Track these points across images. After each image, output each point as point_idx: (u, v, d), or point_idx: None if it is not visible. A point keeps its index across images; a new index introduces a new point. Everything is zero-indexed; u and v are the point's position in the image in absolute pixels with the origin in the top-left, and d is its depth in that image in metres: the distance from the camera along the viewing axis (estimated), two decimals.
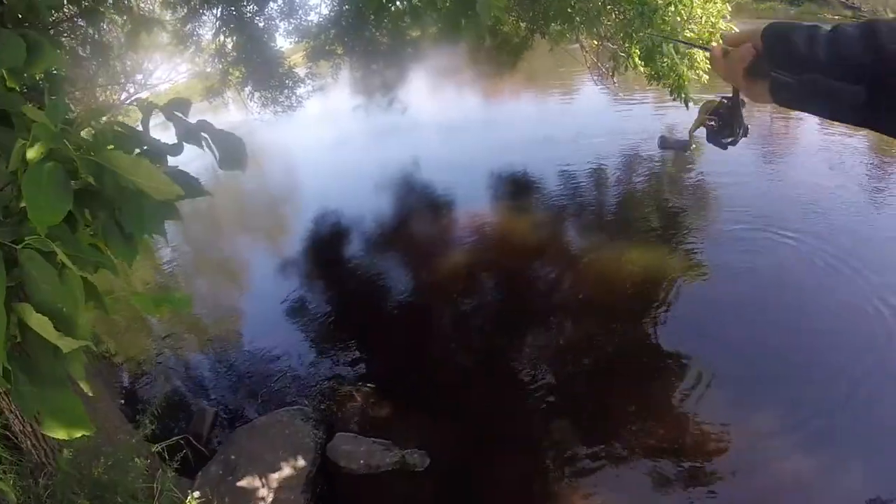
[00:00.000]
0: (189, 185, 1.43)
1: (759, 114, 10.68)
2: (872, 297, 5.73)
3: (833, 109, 0.80)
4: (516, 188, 9.90)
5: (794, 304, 5.94)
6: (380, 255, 8.47)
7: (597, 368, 5.55)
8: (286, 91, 10.65)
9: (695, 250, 7.22)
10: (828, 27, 0.80)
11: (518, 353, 5.88)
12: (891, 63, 0.72)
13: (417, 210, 9.76)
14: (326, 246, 9.13)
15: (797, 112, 1.06)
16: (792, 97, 0.83)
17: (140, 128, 1.48)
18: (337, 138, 14.71)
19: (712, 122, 1.16)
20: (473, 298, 7.03)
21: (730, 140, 1.16)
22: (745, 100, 1.06)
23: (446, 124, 14.09)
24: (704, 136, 1.18)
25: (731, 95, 1.12)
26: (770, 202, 8.01)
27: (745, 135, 1.16)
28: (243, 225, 11.48)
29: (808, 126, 10.74)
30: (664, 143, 1.39)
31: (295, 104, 10.80)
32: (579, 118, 13.13)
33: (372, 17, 8.65)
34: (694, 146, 1.26)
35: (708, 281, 6.56)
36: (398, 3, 7.36)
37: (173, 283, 9.11)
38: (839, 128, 9.72)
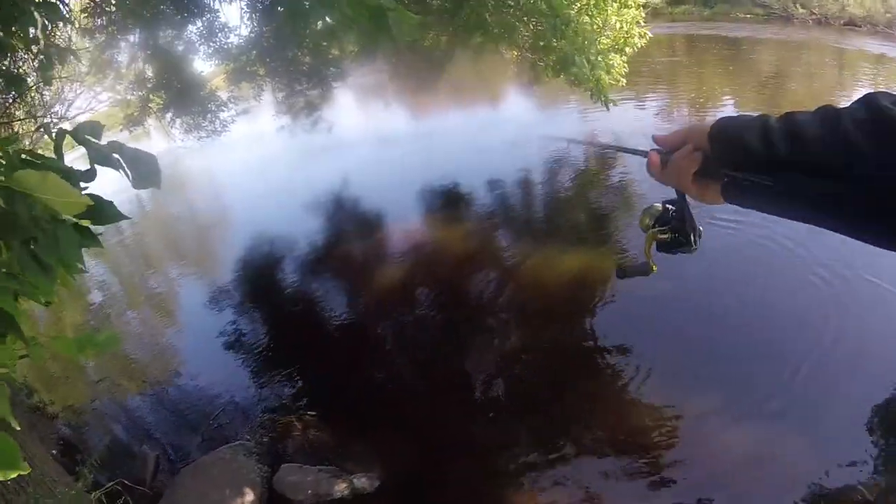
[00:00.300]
0: (103, 209, 1.41)
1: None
2: (808, 274, 6.08)
3: (816, 212, 0.74)
4: (447, 200, 9.98)
5: (727, 290, 6.20)
6: (314, 277, 8.37)
7: (540, 371, 5.62)
8: (209, 115, 10.46)
9: (626, 247, 7.49)
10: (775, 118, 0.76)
11: (460, 363, 5.90)
12: (860, 153, 0.66)
13: (349, 228, 9.70)
14: (259, 272, 8.94)
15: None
16: (759, 200, 0.78)
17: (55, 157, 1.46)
18: (264, 161, 14.52)
19: (664, 236, 1.08)
20: (411, 313, 7.02)
21: (688, 250, 1.08)
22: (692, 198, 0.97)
23: (373, 140, 14.11)
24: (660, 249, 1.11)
25: (674, 199, 1.06)
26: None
27: (700, 236, 1.08)
28: (174, 255, 11.14)
29: None
30: (623, 273, 1.28)
31: (219, 128, 10.61)
32: (506, 127, 13.40)
33: (293, 36, 8.63)
34: (655, 267, 1.18)
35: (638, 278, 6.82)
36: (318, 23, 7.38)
37: (104, 323, 8.73)
38: None
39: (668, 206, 1.10)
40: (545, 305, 6.50)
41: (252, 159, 15.06)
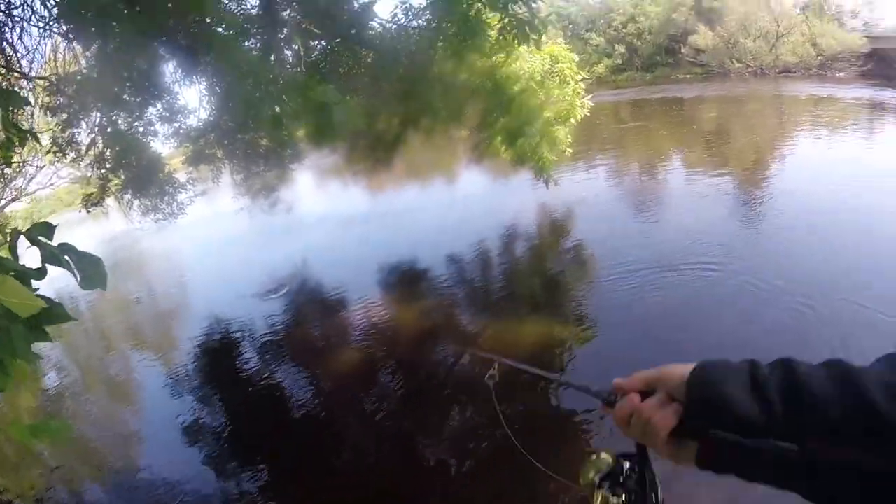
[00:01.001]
0: (53, 311, 1.48)
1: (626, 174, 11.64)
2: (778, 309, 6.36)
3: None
4: (405, 277, 10.12)
5: (683, 337, 6.48)
6: (274, 359, 8.31)
7: (505, 444, 5.68)
8: (167, 197, 10.49)
9: (580, 310, 7.70)
10: (767, 366, 0.65)
11: (424, 442, 5.90)
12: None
13: (308, 309, 9.73)
14: (218, 355, 8.87)
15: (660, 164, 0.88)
16: (762, 469, 0.62)
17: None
18: (223, 242, 14.54)
19: (615, 500, 0.86)
20: (372, 393, 7.00)
21: None
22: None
23: (331, 220, 14.36)
24: None
25: (631, 453, 0.87)
26: (644, 249, 8.78)
27: None
28: (132, 338, 10.97)
29: (674, 179, 11.87)
30: None
31: (176, 211, 10.63)
32: (459, 203, 13.79)
33: (250, 122, 8.87)
34: None
35: (597, 335, 7.02)
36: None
37: (62, 406, 8.53)
38: (701, 176, 10.80)
39: (622, 459, 0.90)
40: (504, 377, 6.56)
41: (211, 241, 15.08)
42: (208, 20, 7.03)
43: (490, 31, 7.58)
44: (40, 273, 1.53)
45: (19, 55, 7.29)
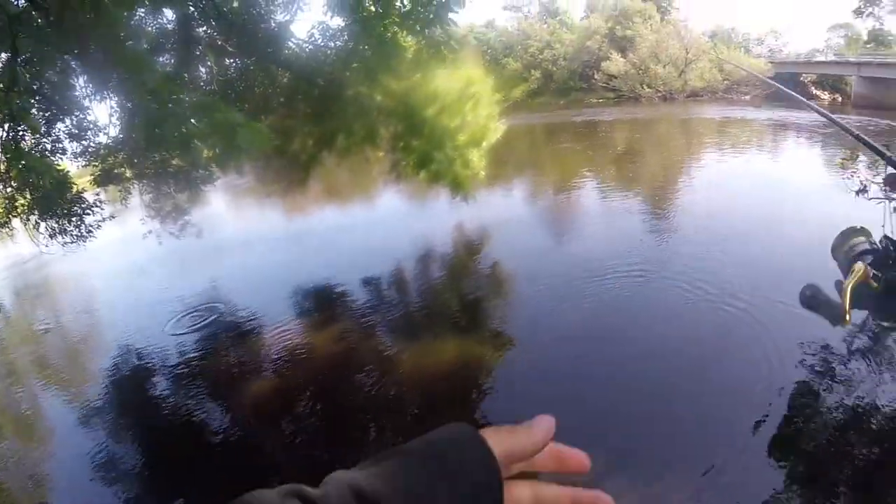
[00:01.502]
0: None
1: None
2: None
3: None
4: (323, 299, 10.01)
5: (599, 348, 6.78)
6: (188, 389, 7.99)
7: None
8: (75, 219, 10.03)
9: (498, 325, 7.89)
10: None
11: (346, 465, 5.87)
12: None
13: (222, 337, 9.39)
14: (131, 387, 8.41)
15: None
16: None
17: None
18: (133, 269, 13.91)
19: (874, 282, 0.63)
20: (291, 419, 6.83)
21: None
22: None
23: (245, 244, 14.07)
24: None
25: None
26: (558, 265, 9.10)
27: None
28: (38, 369, 10.29)
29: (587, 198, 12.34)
30: (812, 304, 0.87)
31: (85, 233, 10.17)
32: (376, 224, 13.85)
33: (159, 144, 8.63)
34: (850, 319, 0.87)
35: (516, 349, 7.22)
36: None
37: None
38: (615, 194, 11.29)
39: (890, 242, 0.71)
40: (426, 396, 6.63)
41: (121, 266, 14.41)
42: (121, 34, 6.85)
43: (406, 53, 7.73)
44: None
45: None
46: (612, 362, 6.49)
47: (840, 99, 36.52)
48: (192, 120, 5.78)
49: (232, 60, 9.48)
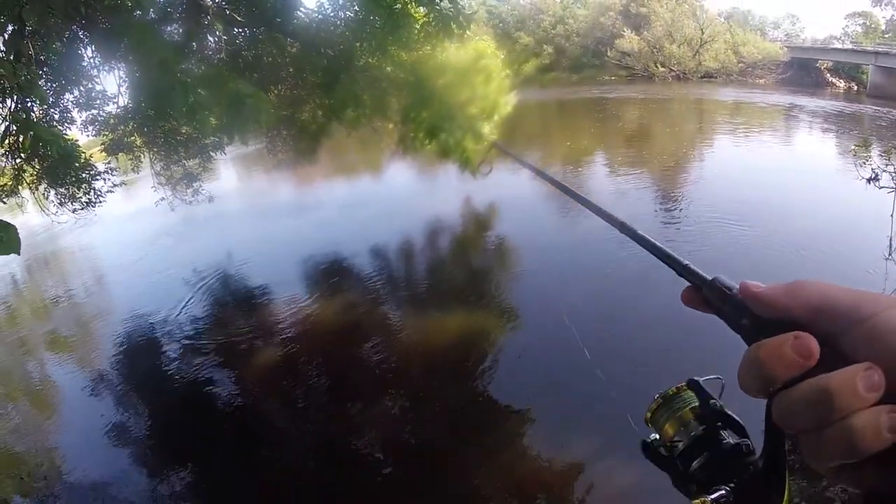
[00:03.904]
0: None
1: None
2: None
3: None
4: (331, 271, 10.05)
5: (595, 326, 6.81)
6: (199, 358, 8.00)
7: (434, 431, 5.75)
8: (84, 186, 10.07)
9: (502, 302, 7.92)
10: None
11: (357, 435, 5.88)
12: None
13: (233, 304, 9.51)
14: (140, 356, 8.50)
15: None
16: None
17: None
18: (145, 239, 13.98)
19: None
20: (301, 388, 6.95)
21: None
22: None
23: (254, 213, 14.08)
24: None
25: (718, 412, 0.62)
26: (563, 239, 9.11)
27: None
28: (51, 339, 10.38)
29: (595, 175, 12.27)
30: None
31: (94, 199, 10.21)
32: (384, 196, 13.85)
33: (168, 111, 8.62)
34: None
35: (518, 324, 7.27)
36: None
37: None
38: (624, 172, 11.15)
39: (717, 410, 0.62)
40: (430, 366, 6.69)
41: (132, 235, 14.49)
42: (129, 3, 6.82)
43: (415, 25, 7.64)
44: None
45: None
46: None
47: (856, 88, 35.91)
48: (200, 90, 5.76)
49: (240, 30, 9.39)
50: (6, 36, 7.35)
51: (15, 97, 8.34)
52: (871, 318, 0.41)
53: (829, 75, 38.25)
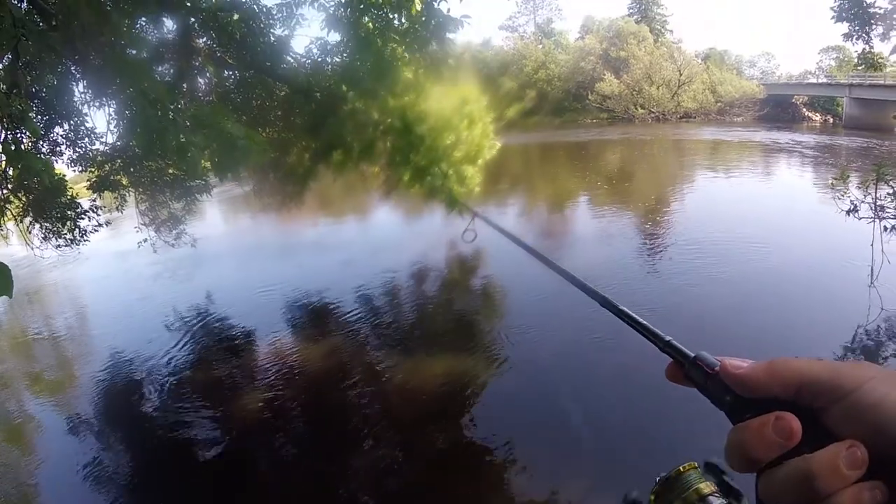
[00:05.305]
0: None
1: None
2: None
3: None
4: (315, 314, 10.08)
5: (580, 372, 6.94)
6: (180, 399, 7.96)
7: (420, 475, 5.73)
8: (69, 223, 10.07)
9: (489, 346, 7.97)
10: None
11: (343, 479, 5.84)
12: None
13: (214, 348, 9.43)
14: (120, 396, 8.40)
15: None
16: None
17: None
18: (126, 275, 13.90)
19: None
20: (284, 432, 6.89)
21: None
22: None
23: (238, 254, 14.08)
24: None
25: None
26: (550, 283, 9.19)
27: None
28: (30, 377, 10.17)
29: (576, 216, 12.44)
30: None
31: (78, 237, 10.20)
32: (370, 238, 13.97)
33: (157, 150, 8.68)
34: None
35: (505, 368, 7.30)
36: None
37: None
38: (606, 213, 11.35)
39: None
40: (416, 410, 6.68)
41: (115, 273, 14.39)
42: (122, 42, 6.92)
43: (404, 70, 7.84)
44: None
45: None
46: None
47: (832, 120, 37.07)
48: (193, 130, 5.84)
49: (231, 72, 9.56)
50: (1, 66, 7.45)
51: (6, 127, 8.38)
52: (852, 392, 0.42)
53: (805, 110, 39.47)
